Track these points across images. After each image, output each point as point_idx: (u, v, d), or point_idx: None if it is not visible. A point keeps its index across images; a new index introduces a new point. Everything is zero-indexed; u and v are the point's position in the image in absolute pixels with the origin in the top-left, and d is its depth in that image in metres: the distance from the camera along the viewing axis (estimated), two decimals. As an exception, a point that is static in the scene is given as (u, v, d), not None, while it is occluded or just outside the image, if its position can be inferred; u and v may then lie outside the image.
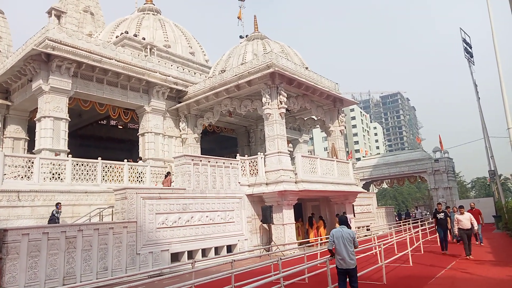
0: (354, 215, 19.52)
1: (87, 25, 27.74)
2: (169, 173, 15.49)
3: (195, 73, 22.50)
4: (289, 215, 15.33)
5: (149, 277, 9.87)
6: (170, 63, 21.74)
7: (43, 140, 15.14)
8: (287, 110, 17.03)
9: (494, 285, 7.71)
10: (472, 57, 23.94)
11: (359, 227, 21.58)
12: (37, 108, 15.97)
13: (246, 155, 17.95)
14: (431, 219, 21.61)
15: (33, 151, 15.57)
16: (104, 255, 10.48)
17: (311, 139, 63.48)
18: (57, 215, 11.42)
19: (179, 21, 28.64)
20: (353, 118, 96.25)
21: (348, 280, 5.96)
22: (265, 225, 15.46)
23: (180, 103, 20.11)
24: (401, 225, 21.49)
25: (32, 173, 12.64)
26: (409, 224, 19.32)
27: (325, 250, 9.90)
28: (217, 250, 13.99)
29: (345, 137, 69.16)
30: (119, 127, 23.85)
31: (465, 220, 11.47)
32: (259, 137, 23.65)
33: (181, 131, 20.20)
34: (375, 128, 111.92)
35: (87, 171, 14.00)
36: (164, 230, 12.27)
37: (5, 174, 12.03)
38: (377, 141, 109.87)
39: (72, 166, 13.60)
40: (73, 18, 27.22)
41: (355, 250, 5.96)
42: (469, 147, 49.07)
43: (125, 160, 15.64)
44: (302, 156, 16.45)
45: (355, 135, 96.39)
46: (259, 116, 19.82)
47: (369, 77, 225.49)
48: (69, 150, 15.56)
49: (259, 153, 16.47)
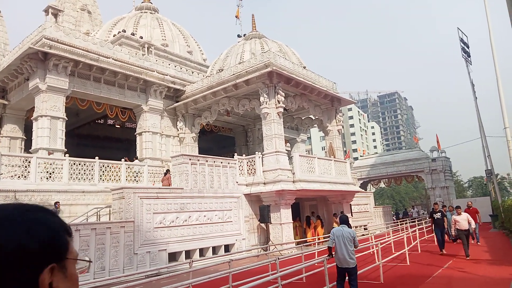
0: (351, 215, 19.55)
1: (85, 23, 27.61)
2: (168, 171, 15.44)
3: (192, 72, 22.46)
4: (286, 214, 15.34)
5: (147, 277, 9.84)
6: (167, 62, 21.69)
7: (40, 139, 15.09)
8: (285, 109, 17.04)
9: (490, 284, 7.74)
10: (469, 57, 23.98)
11: (356, 227, 21.60)
12: (34, 107, 15.92)
13: (244, 155, 17.92)
14: (428, 218, 21.67)
15: (30, 150, 15.51)
16: (101, 255, 10.46)
17: (309, 138, 63.48)
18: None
19: (177, 20, 28.66)
20: (351, 117, 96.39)
21: (347, 279, 5.97)
22: (263, 225, 15.47)
23: (177, 102, 20.07)
24: (398, 225, 21.54)
25: (29, 172, 12.61)
26: (406, 223, 19.37)
27: (322, 249, 9.91)
28: (215, 249, 13.98)
29: (343, 136, 69.29)
30: (116, 126, 23.74)
31: (463, 220, 11.49)
32: (257, 136, 23.65)
33: (178, 130, 20.16)
34: (372, 127, 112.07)
35: (84, 171, 13.96)
36: (161, 229, 12.25)
37: (2, 173, 12.00)
38: (374, 140, 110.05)
39: (69, 165, 13.57)
40: (70, 16, 27.09)
41: (355, 249, 5.97)
42: (466, 146, 49.47)
43: (122, 159, 15.60)
44: (300, 155, 16.44)
45: (353, 134, 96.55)
46: (257, 115, 19.81)
47: (367, 76, 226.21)
48: (66, 149, 15.51)
49: (256, 153, 16.46)
